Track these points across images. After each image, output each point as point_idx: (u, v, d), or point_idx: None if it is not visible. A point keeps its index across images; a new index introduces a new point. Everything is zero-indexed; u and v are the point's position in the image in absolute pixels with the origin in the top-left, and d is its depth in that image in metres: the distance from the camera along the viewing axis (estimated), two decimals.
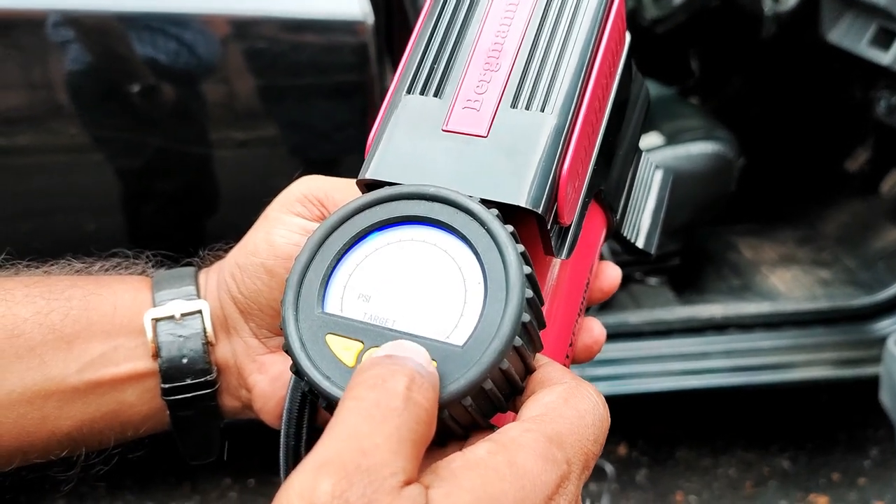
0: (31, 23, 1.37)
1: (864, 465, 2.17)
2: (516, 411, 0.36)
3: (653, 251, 0.55)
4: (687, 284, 2.23)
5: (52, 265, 0.53)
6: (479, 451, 0.31)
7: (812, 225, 2.48)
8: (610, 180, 0.48)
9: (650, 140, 2.12)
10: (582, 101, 0.41)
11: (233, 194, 1.58)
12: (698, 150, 2.04)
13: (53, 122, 1.46)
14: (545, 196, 0.38)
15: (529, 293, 0.35)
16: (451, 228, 0.36)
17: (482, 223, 0.36)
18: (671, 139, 2.10)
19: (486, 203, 0.37)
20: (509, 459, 0.31)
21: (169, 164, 1.55)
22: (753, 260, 2.33)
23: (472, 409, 0.34)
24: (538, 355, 0.38)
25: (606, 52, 0.43)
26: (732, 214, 2.39)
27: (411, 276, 0.36)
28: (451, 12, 0.43)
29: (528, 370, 0.37)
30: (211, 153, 1.56)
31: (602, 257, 0.53)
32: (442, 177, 0.39)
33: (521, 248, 0.35)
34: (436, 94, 0.41)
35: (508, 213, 0.38)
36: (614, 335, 1.98)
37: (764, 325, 2.03)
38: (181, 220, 1.63)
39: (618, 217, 0.52)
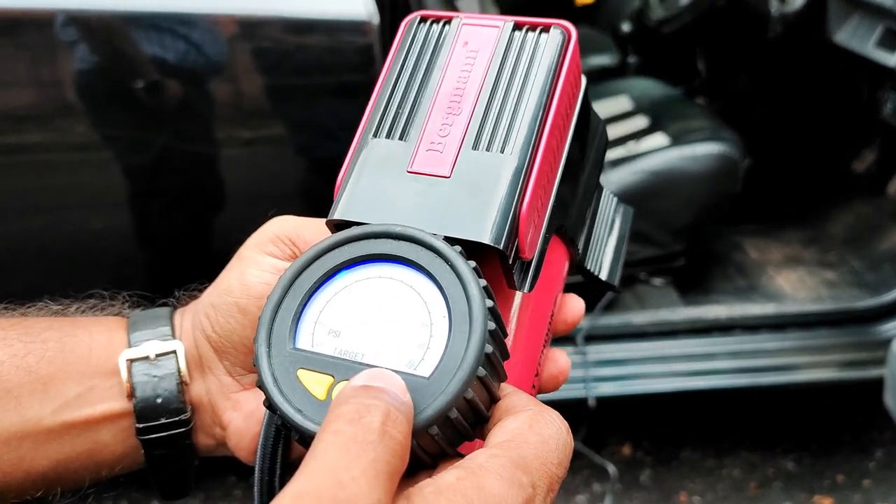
0: (40, 22, 1.38)
1: (869, 467, 2.17)
2: (483, 439, 0.37)
3: (616, 283, 0.57)
4: (692, 285, 2.23)
5: (29, 307, 0.54)
6: (449, 476, 0.33)
7: (818, 226, 2.47)
8: (570, 216, 0.50)
9: (656, 140, 2.12)
10: (539, 141, 0.43)
11: (239, 192, 1.59)
12: (704, 150, 2.04)
13: (62, 121, 1.47)
14: (506, 232, 0.40)
15: (492, 325, 0.36)
16: (417, 265, 0.38)
17: (446, 260, 0.38)
18: (677, 139, 2.10)
19: (450, 240, 0.39)
20: (477, 484, 0.32)
21: (176, 163, 1.56)
22: (759, 261, 2.33)
23: (439, 438, 0.35)
24: (503, 385, 0.39)
25: (562, 95, 0.45)
26: (738, 215, 2.39)
27: (379, 312, 0.38)
28: (414, 59, 0.45)
29: (493, 399, 0.38)
30: (218, 152, 1.57)
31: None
32: (407, 216, 0.40)
33: (483, 282, 0.37)
34: (401, 138, 0.43)
35: (472, 249, 0.39)
36: (619, 336, 1.98)
37: (769, 327, 2.03)
38: (188, 219, 1.64)
39: (580, 251, 0.53)
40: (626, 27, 2.66)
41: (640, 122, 2.24)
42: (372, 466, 0.31)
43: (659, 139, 2.13)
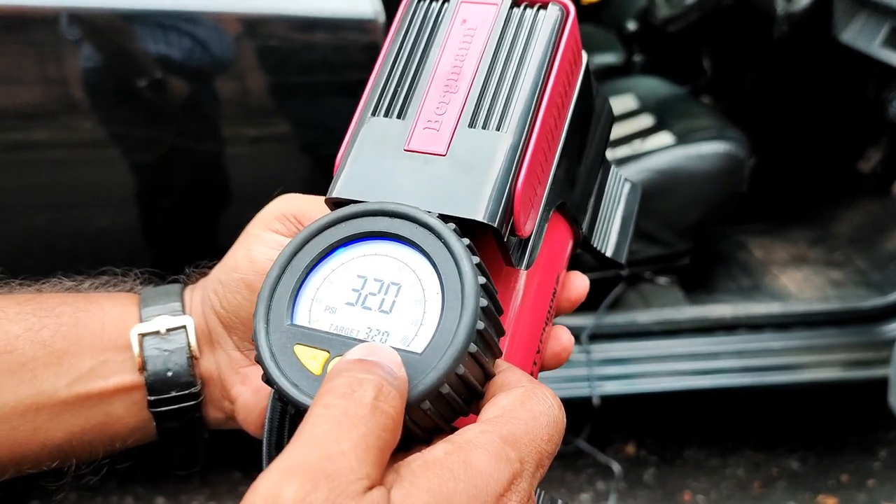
0: (47, 19, 1.38)
1: (874, 467, 2.16)
2: (478, 414, 0.37)
3: (623, 260, 0.57)
4: (697, 284, 2.22)
5: (44, 283, 0.55)
6: (437, 451, 0.33)
7: (824, 225, 2.47)
8: (573, 193, 0.50)
9: (661, 139, 2.12)
10: (536, 119, 0.43)
11: (244, 190, 1.59)
12: (709, 149, 2.04)
13: (69, 118, 1.48)
14: (501, 210, 0.40)
15: (484, 302, 0.37)
16: (411, 242, 0.39)
17: (439, 237, 0.38)
18: (682, 138, 2.10)
19: (445, 218, 0.39)
20: (464, 459, 0.33)
21: (182, 161, 1.56)
22: (764, 260, 2.33)
23: (431, 413, 0.36)
24: (498, 361, 0.40)
25: (560, 73, 0.45)
26: (743, 214, 2.39)
27: (374, 289, 0.39)
28: (413, 37, 0.46)
29: (488, 375, 0.39)
30: (223, 150, 1.57)
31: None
32: (404, 194, 0.41)
33: (476, 259, 0.37)
34: (399, 116, 0.44)
35: (467, 227, 0.40)
36: (623, 334, 1.99)
37: (774, 326, 2.02)
38: (193, 216, 1.64)
39: (585, 229, 0.53)
40: (631, 26, 2.65)
41: (646, 120, 2.24)
42: (362, 440, 0.31)
43: (664, 138, 2.13)
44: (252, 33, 1.47)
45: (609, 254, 0.56)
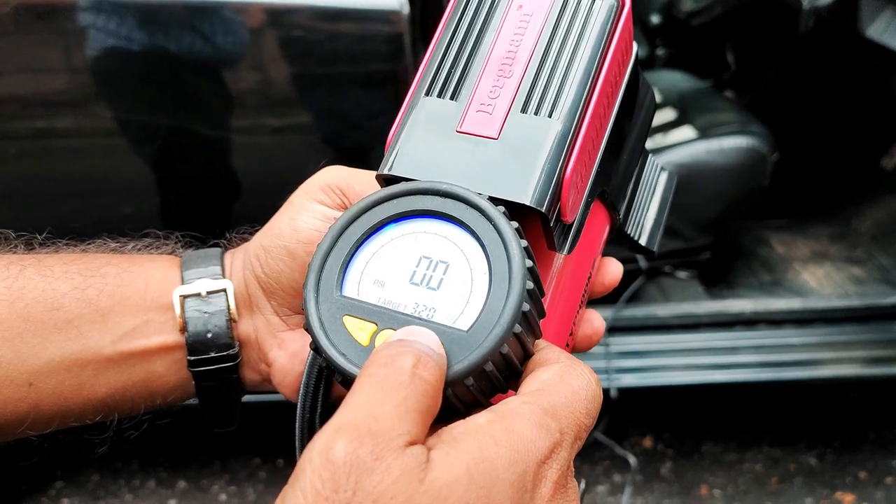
0: (73, 8, 1.40)
1: (892, 465, 2.16)
2: (515, 391, 0.39)
3: (655, 248, 0.58)
4: (717, 279, 2.22)
5: (89, 244, 0.57)
6: (480, 419, 0.35)
7: (846, 222, 2.45)
8: (614, 181, 0.51)
9: (683, 133, 2.12)
10: (587, 107, 0.44)
11: (265, 180, 1.60)
12: (732, 144, 2.03)
13: (93, 106, 1.50)
14: (549, 195, 0.41)
15: (530, 285, 0.38)
16: (461, 223, 0.40)
17: (489, 219, 0.39)
18: (704, 133, 2.09)
19: (494, 200, 0.40)
20: (507, 427, 0.34)
21: (203, 150, 1.58)
22: (785, 256, 2.32)
23: (473, 389, 0.37)
24: (538, 340, 0.41)
25: (612, 63, 0.46)
26: (765, 209, 2.38)
27: (423, 266, 0.40)
28: (468, 21, 0.46)
29: (528, 354, 0.40)
30: (245, 140, 1.59)
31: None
32: (454, 175, 0.42)
33: (524, 242, 0.39)
34: (452, 98, 0.44)
35: (515, 210, 0.41)
36: (642, 328, 1.99)
37: (794, 322, 2.02)
38: (214, 205, 1.66)
39: (621, 216, 0.54)
40: (655, 19, 2.65)
41: (668, 114, 2.23)
42: (403, 403, 0.33)
43: (686, 132, 2.12)
44: (276, 23, 1.48)
45: (643, 242, 0.57)
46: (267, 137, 1.60)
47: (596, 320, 0.54)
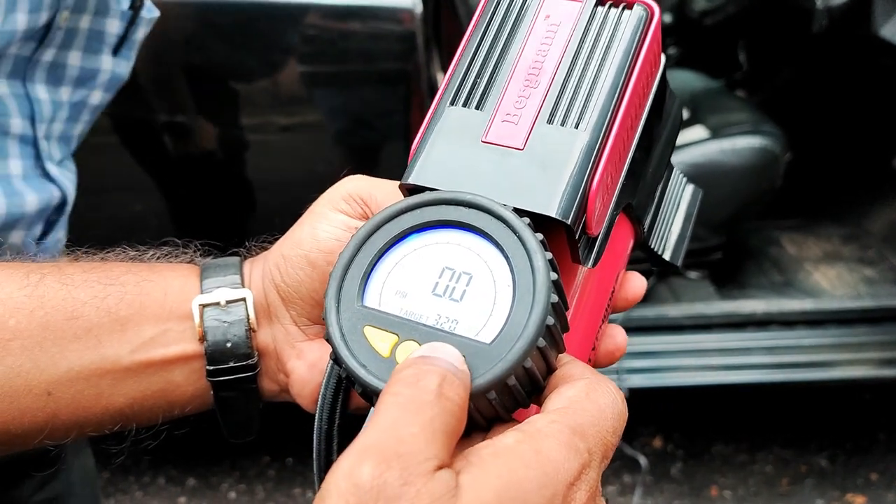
0: None
1: None
2: (538, 406, 0.38)
3: (679, 263, 0.57)
4: (728, 279, 2.21)
5: (109, 252, 0.57)
6: (507, 439, 0.34)
7: (858, 222, 2.44)
8: (639, 194, 0.50)
9: (695, 133, 2.11)
10: (614, 119, 0.43)
11: (276, 178, 1.60)
12: (744, 144, 2.03)
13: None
14: (574, 208, 0.40)
15: (555, 298, 0.37)
16: (485, 234, 0.39)
17: (514, 230, 0.38)
18: (717, 132, 2.08)
19: (519, 212, 0.39)
20: (535, 448, 0.33)
21: (215, 148, 1.58)
22: (797, 256, 2.31)
23: (495, 403, 0.37)
24: (561, 355, 0.40)
25: (640, 74, 0.45)
26: (777, 209, 2.37)
27: (445, 277, 0.39)
28: (495, 30, 0.46)
29: (551, 369, 0.39)
30: (256, 138, 1.59)
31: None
32: (479, 185, 0.41)
33: (549, 255, 0.38)
34: (477, 107, 0.44)
35: (540, 222, 0.40)
36: (654, 328, 1.98)
37: (806, 323, 2.01)
38: (226, 203, 1.66)
39: (646, 229, 0.53)
40: (667, 18, 2.64)
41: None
42: (429, 424, 0.33)
43: (698, 132, 2.12)
44: (289, 22, 1.48)
45: (667, 257, 0.56)
46: (278, 135, 1.60)
47: (619, 336, 0.53)
